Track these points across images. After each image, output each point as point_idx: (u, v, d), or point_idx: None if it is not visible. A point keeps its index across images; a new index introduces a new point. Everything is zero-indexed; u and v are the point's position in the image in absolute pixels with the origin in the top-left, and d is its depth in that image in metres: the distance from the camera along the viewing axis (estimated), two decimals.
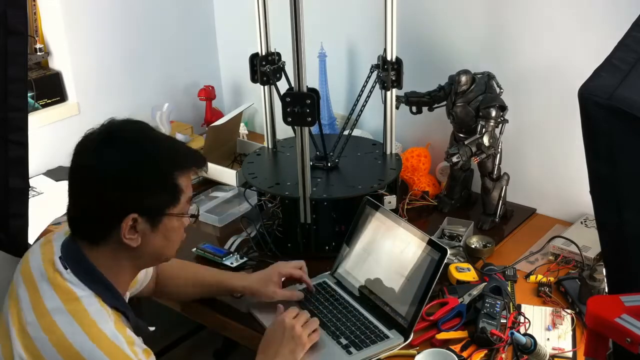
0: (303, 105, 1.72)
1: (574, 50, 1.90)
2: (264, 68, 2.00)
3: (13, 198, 1.62)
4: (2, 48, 1.44)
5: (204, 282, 1.70)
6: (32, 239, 1.88)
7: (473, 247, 1.87)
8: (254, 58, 2.01)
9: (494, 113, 1.87)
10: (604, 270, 1.25)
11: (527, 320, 1.59)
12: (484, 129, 1.87)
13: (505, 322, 1.57)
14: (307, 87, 1.74)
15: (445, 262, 1.55)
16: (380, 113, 2.04)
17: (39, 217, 2.00)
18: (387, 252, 1.67)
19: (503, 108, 1.89)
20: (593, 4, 1.84)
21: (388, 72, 1.95)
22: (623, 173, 1.09)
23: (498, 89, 1.93)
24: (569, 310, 1.64)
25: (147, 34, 2.57)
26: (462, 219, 2.00)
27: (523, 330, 1.56)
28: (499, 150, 1.96)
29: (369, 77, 2.04)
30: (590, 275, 1.64)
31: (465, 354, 1.51)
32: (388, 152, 2.08)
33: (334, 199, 1.86)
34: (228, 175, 2.27)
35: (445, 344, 1.54)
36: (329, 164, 2.00)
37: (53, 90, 2.38)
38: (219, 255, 1.86)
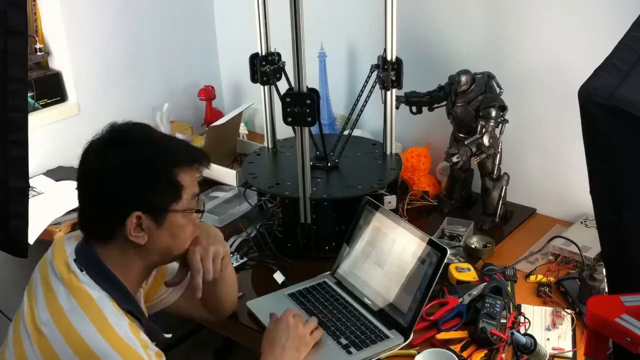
0: (303, 105, 1.72)
1: (574, 50, 1.90)
2: (264, 68, 2.00)
3: (13, 198, 1.61)
4: (2, 48, 1.44)
5: None
6: (32, 239, 1.88)
7: (473, 247, 1.87)
8: (254, 58, 2.01)
9: (494, 113, 1.87)
10: (604, 270, 1.25)
11: (527, 320, 1.59)
12: (484, 129, 1.87)
13: (505, 322, 1.56)
14: (307, 87, 1.74)
15: (445, 262, 1.55)
16: (380, 113, 2.04)
17: (39, 217, 2.00)
18: (387, 252, 1.67)
19: (503, 108, 1.89)
20: (593, 4, 1.84)
21: (388, 72, 1.95)
22: (623, 173, 1.09)
23: (498, 89, 1.93)
24: (569, 310, 1.64)
25: (147, 34, 2.57)
26: (462, 219, 2.00)
27: (523, 330, 1.56)
28: (499, 150, 1.96)
29: (369, 77, 2.04)
30: (590, 275, 1.64)
31: (465, 354, 1.51)
32: (388, 152, 2.08)
33: (334, 199, 1.86)
34: (228, 175, 2.27)
35: (445, 344, 1.54)
36: (329, 164, 2.00)
37: (53, 90, 2.38)
38: None
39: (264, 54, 2.02)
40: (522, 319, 1.60)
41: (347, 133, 2.07)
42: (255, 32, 2.01)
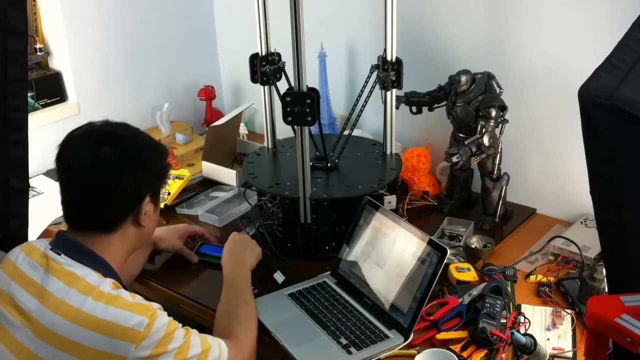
0: (303, 105, 1.72)
1: (574, 51, 1.90)
2: (264, 68, 2.00)
3: (13, 198, 1.62)
4: (2, 48, 1.44)
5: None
6: (32, 239, 1.88)
7: (473, 247, 1.87)
8: (254, 58, 2.01)
9: (494, 113, 1.87)
10: (604, 270, 1.25)
11: (527, 320, 1.59)
12: (484, 129, 1.87)
13: (505, 322, 1.57)
14: (307, 86, 1.74)
15: (445, 262, 1.55)
16: (380, 113, 2.04)
17: (39, 217, 2.00)
18: (387, 252, 1.67)
19: (503, 108, 1.89)
20: (593, 5, 1.84)
21: (388, 72, 1.95)
22: (623, 173, 1.09)
23: (498, 89, 1.93)
24: (569, 310, 1.64)
25: (147, 34, 2.57)
26: (462, 219, 2.00)
27: (523, 330, 1.56)
28: (499, 150, 1.96)
29: (369, 77, 2.04)
30: (590, 275, 1.64)
31: (465, 354, 1.51)
32: (388, 152, 2.08)
33: (334, 199, 1.86)
34: (228, 175, 2.27)
35: (445, 344, 1.54)
36: (329, 164, 2.00)
37: (53, 90, 2.38)
38: (220, 257, 1.85)
39: (264, 54, 2.02)
40: (522, 319, 1.59)
41: (347, 133, 2.07)
42: (255, 32, 2.01)
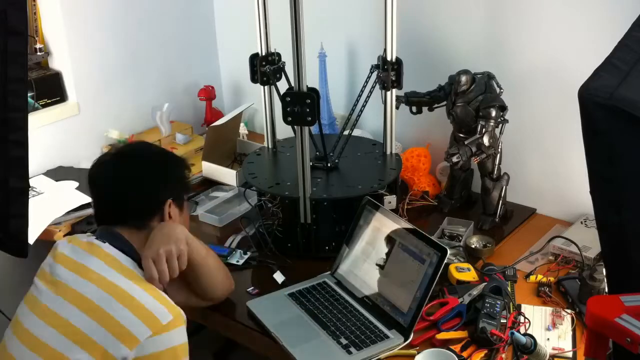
0: (303, 105, 1.72)
1: (574, 50, 1.90)
2: (264, 68, 2.00)
3: (13, 198, 1.61)
4: (2, 48, 1.44)
5: None
6: (32, 239, 1.88)
7: (473, 247, 1.87)
8: (254, 58, 2.01)
9: (494, 113, 1.87)
10: (604, 270, 1.25)
11: (527, 320, 1.59)
12: (484, 129, 1.87)
13: (505, 322, 1.57)
14: (307, 86, 1.74)
15: (445, 262, 1.55)
16: (380, 113, 2.04)
17: (39, 217, 2.00)
18: (387, 252, 1.67)
19: (503, 108, 1.89)
20: (593, 5, 1.84)
21: (388, 72, 1.95)
22: (623, 173, 1.09)
23: (498, 89, 1.93)
24: (569, 310, 1.64)
25: (147, 34, 2.57)
26: (462, 219, 2.00)
27: (523, 330, 1.56)
28: (499, 150, 1.96)
29: (369, 77, 2.04)
30: (590, 275, 1.64)
31: (465, 354, 1.51)
32: (388, 152, 2.08)
33: (334, 199, 1.86)
34: (228, 175, 2.27)
35: (445, 344, 1.54)
36: (329, 164, 2.00)
37: (53, 90, 2.38)
38: (223, 255, 1.86)
39: (264, 54, 2.02)
40: (522, 319, 1.60)
41: (347, 133, 2.07)
42: (255, 32, 2.01)
